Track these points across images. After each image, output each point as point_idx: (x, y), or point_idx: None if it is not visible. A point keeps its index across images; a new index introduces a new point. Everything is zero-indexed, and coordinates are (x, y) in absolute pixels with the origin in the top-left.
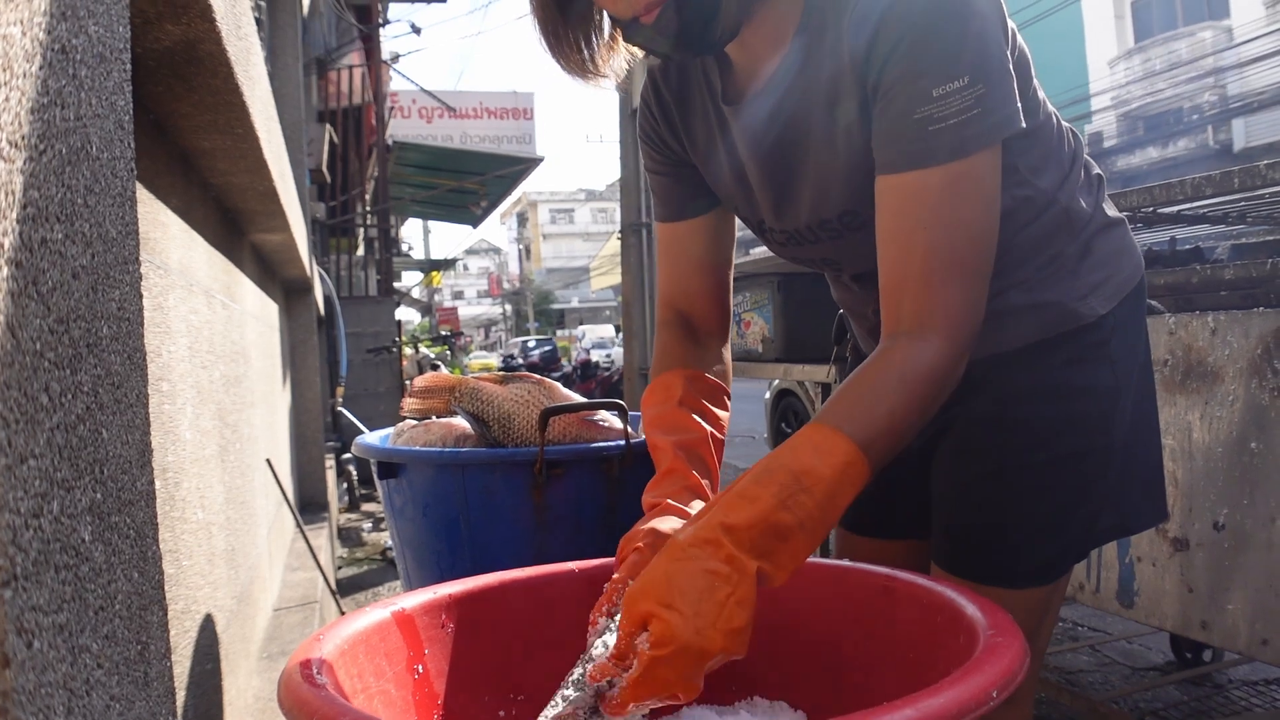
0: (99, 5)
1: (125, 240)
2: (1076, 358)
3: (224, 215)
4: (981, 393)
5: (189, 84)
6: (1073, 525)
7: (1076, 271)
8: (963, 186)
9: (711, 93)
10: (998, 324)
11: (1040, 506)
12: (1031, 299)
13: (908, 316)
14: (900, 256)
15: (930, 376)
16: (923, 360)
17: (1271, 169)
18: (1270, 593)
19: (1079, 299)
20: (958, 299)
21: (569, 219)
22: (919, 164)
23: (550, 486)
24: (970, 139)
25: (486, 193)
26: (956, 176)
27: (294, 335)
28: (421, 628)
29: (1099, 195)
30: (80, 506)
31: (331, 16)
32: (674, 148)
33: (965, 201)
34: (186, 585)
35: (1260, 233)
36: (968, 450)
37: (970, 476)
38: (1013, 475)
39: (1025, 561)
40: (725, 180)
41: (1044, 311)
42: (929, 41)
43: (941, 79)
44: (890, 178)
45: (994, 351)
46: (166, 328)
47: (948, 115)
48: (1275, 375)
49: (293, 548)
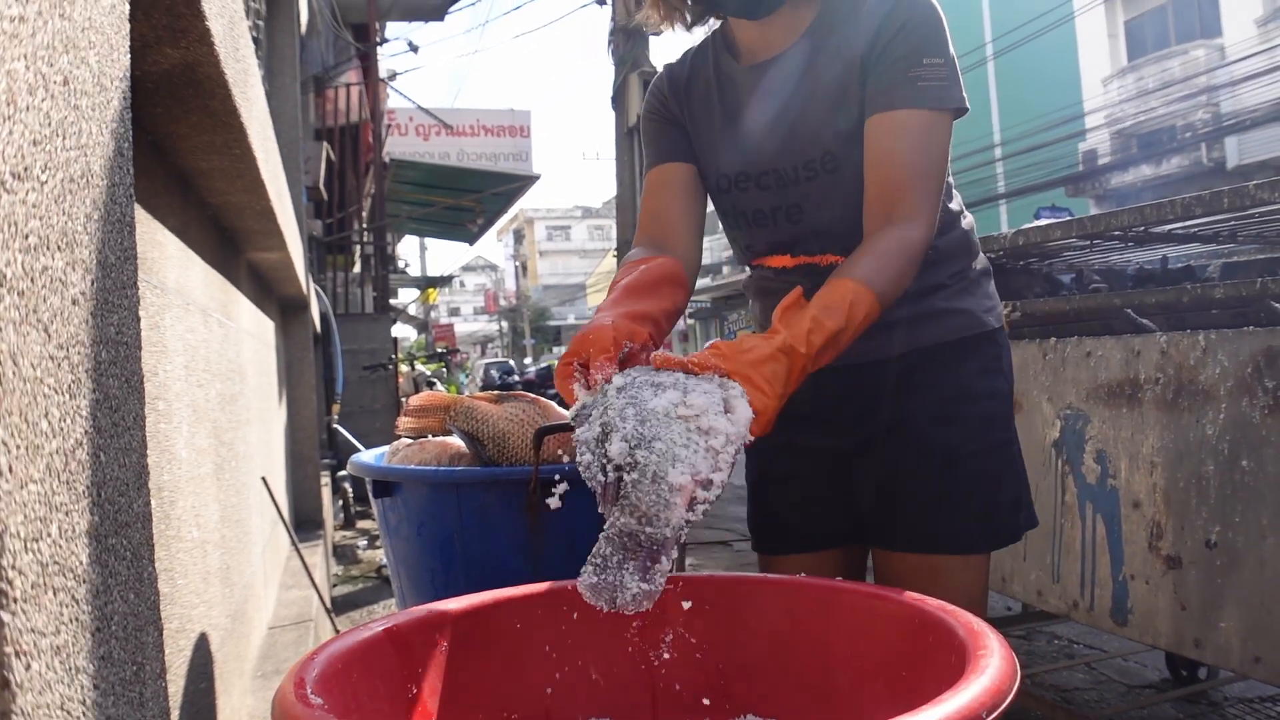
0: (99, 36)
1: (124, 265)
2: (986, 369)
3: (221, 234)
4: (917, 397)
5: (187, 106)
6: (1005, 501)
7: (977, 292)
8: (935, 129)
9: (718, 70)
10: (928, 322)
11: (983, 484)
12: (950, 305)
13: (901, 210)
14: (892, 168)
15: (919, 251)
16: (916, 238)
17: (1260, 189)
18: (1262, 610)
19: (983, 311)
20: (931, 203)
21: (565, 236)
22: (910, 105)
23: (545, 505)
24: (945, 98)
25: (483, 210)
26: (933, 121)
27: (290, 352)
28: (415, 646)
29: None
30: (78, 529)
31: (329, 35)
32: (675, 112)
33: (934, 142)
34: (181, 604)
35: (1251, 251)
36: (915, 445)
37: (923, 466)
38: (960, 461)
39: (978, 530)
40: (716, 134)
41: (959, 316)
42: (926, 26)
43: (932, 53)
44: (884, 114)
45: (925, 344)
46: (163, 347)
47: (931, 78)
48: (1265, 393)
49: (288, 565)
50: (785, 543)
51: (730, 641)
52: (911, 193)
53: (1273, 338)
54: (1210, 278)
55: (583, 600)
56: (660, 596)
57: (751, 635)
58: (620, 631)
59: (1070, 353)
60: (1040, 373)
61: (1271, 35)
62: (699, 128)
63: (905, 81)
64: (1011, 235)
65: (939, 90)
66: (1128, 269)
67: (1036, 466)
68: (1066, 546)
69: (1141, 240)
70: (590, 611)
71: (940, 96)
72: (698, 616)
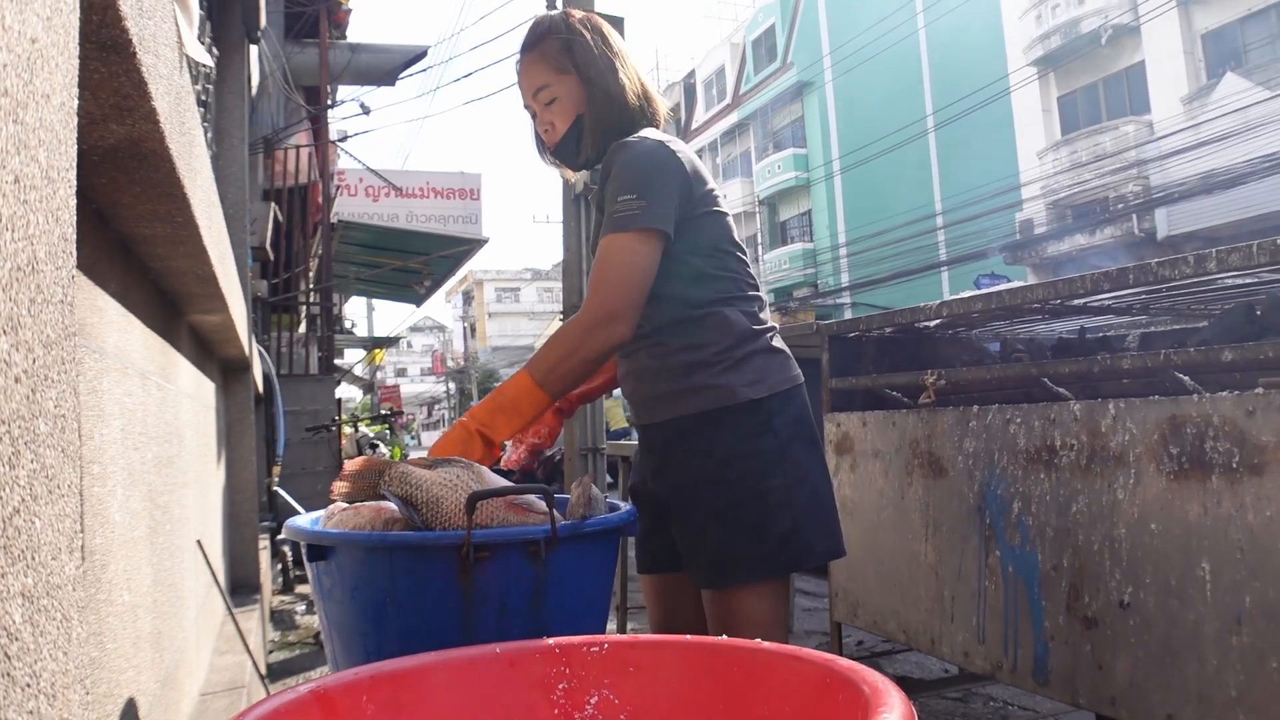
0: (49, 134)
1: (64, 342)
2: (752, 432)
3: (162, 297)
4: (698, 459)
5: (131, 177)
6: (773, 537)
7: (743, 369)
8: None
9: None
10: (690, 396)
11: (746, 529)
12: (712, 381)
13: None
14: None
15: (574, 328)
16: (572, 325)
17: (1161, 266)
18: (1172, 669)
19: (745, 385)
20: (590, 300)
21: (515, 298)
22: (606, 232)
23: (477, 569)
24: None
25: (430, 272)
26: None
27: (231, 414)
28: (342, 710)
29: (765, 331)
30: (13, 590)
31: (280, 96)
32: None
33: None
34: (110, 668)
35: (1165, 322)
36: (692, 503)
37: (701, 520)
38: (729, 512)
39: (752, 563)
40: None
41: (718, 391)
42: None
43: (624, 192)
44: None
45: (689, 413)
46: (100, 411)
47: (622, 210)
48: (1170, 459)
49: (222, 630)
50: (642, 563)
51: (654, 702)
52: (586, 296)
53: (1176, 406)
54: (1128, 347)
55: (510, 664)
56: (587, 660)
57: (675, 695)
58: (546, 694)
59: (992, 419)
60: (964, 438)
61: (1197, 113)
62: None
63: (606, 218)
64: (937, 306)
65: (622, 219)
66: (1050, 339)
67: (962, 529)
68: (991, 608)
69: (1059, 313)
70: (517, 676)
71: (620, 223)
72: (623, 678)
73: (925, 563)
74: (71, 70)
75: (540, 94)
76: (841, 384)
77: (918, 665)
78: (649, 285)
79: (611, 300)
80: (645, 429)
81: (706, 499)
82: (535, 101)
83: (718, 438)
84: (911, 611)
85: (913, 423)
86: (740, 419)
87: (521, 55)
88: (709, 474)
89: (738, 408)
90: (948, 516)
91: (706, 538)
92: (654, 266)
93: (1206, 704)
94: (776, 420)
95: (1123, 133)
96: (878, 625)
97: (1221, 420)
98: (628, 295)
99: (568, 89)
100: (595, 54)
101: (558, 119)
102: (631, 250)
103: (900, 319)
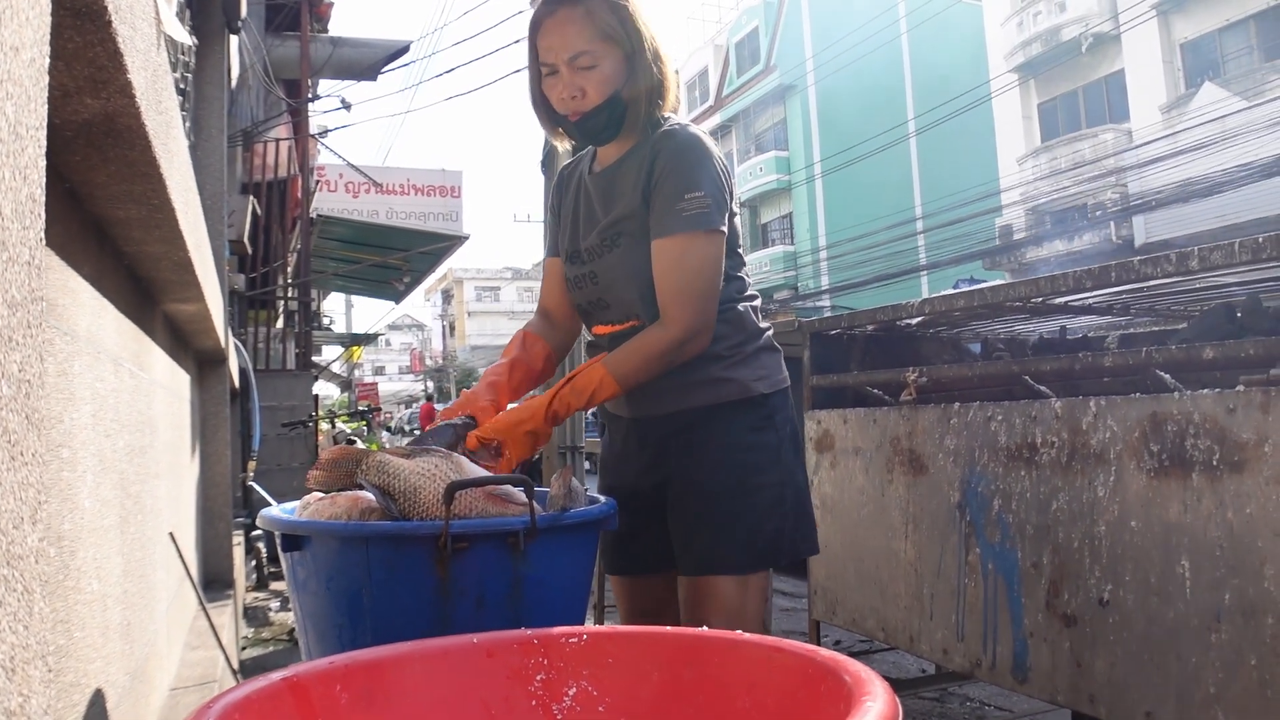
0: (17, 88)
1: (30, 305)
2: (756, 426)
3: (137, 284)
4: (695, 450)
5: (105, 155)
6: (767, 530)
7: (752, 364)
8: (692, 249)
9: (585, 172)
10: (703, 387)
11: (745, 519)
12: (724, 375)
13: (664, 316)
14: (663, 284)
15: (667, 346)
16: (666, 338)
17: (1144, 264)
18: (1151, 666)
19: (754, 380)
20: (687, 312)
21: (495, 297)
22: (674, 232)
23: (455, 560)
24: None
25: (410, 269)
26: (690, 242)
27: (205, 407)
28: (315, 699)
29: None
30: None
31: (260, 89)
32: (557, 206)
33: (694, 259)
34: (77, 658)
35: (1146, 323)
36: (702, 488)
37: (699, 505)
38: (735, 499)
39: (743, 554)
40: (568, 218)
41: (730, 384)
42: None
43: (692, 188)
44: (657, 241)
45: (699, 405)
46: (70, 394)
47: (693, 208)
48: (1151, 457)
49: (194, 625)
50: (617, 565)
51: (633, 694)
52: (672, 306)
53: (1157, 404)
54: (1108, 347)
55: (487, 654)
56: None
57: (654, 687)
58: (523, 685)
59: (973, 417)
60: (945, 436)
61: (1175, 121)
62: (565, 216)
63: (672, 213)
64: (919, 304)
65: (696, 217)
66: (1030, 338)
67: (942, 526)
68: (970, 605)
69: (1040, 311)
70: (495, 666)
71: (695, 221)
72: (602, 669)
73: (905, 560)
74: (43, 25)
75: (580, 59)
76: (823, 381)
77: (894, 665)
78: None
79: (709, 311)
80: (641, 422)
81: (705, 488)
82: (566, 64)
83: (725, 429)
84: (890, 609)
85: (894, 420)
86: (747, 412)
87: (558, 7)
88: (711, 464)
89: (746, 402)
90: (928, 514)
91: (701, 526)
92: None
93: (1185, 701)
94: (778, 416)
95: (1102, 140)
96: (856, 623)
97: (1202, 418)
98: (715, 304)
99: (612, 60)
100: (647, 32)
101: (592, 88)
102: (713, 256)
103: (882, 316)
